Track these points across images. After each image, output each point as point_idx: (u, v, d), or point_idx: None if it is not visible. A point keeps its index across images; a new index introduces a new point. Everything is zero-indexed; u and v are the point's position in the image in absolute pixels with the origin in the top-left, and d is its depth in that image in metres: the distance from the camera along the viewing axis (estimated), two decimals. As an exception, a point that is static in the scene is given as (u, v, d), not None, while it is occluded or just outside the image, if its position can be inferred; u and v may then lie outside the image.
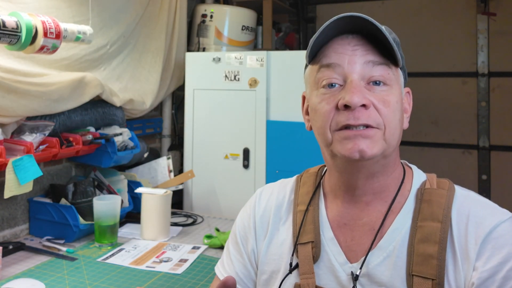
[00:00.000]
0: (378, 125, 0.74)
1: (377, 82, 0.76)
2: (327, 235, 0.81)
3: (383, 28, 0.74)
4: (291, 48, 3.20)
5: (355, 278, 0.75)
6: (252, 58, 2.19)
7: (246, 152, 2.21)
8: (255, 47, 2.81)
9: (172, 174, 2.21)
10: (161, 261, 1.54)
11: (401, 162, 0.85)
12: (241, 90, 2.22)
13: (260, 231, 0.89)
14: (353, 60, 0.76)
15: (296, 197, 0.89)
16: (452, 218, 0.74)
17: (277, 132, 2.15)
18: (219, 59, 2.25)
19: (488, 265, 0.69)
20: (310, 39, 0.78)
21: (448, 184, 0.80)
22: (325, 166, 0.91)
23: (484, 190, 3.09)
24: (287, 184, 0.93)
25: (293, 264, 0.82)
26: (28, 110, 1.57)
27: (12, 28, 1.37)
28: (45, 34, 1.44)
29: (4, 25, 1.34)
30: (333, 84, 0.77)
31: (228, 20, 2.58)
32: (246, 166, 2.21)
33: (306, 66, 0.85)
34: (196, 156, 2.32)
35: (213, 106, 2.29)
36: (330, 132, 0.77)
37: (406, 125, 0.83)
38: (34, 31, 1.42)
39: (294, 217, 0.86)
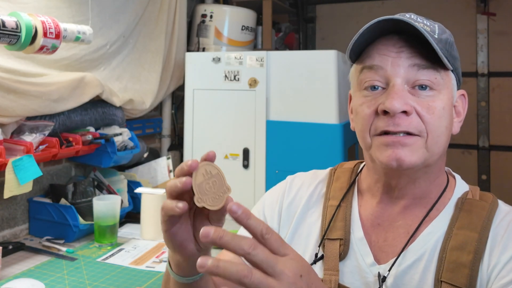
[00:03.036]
0: (420, 133, 0.72)
1: (423, 86, 0.72)
2: (357, 234, 0.80)
3: (424, 31, 0.70)
4: (291, 48, 3.21)
5: (382, 279, 0.73)
6: (252, 58, 2.19)
7: (246, 152, 2.21)
8: (255, 47, 2.81)
9: (172, 174, 2.21)
10: (161, 261, 1.54)
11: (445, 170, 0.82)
12: (241, 90, 2.22)
13: (285, 217, 0.88)
14: (397, 62, 0.73)
15: (328, 191, 0.87)
16: (490, 231, 0.72)
17: (277, 132, 2.15)
18: (219, 59, 2.25)
19: (507, 267, 0.67)
20: (352, 39, 0.74)
21: (492, 198, 0.77)
22: (361, 162, 0.90)
23: (483, 190, 3.06)
24: (319, 176, 0.92)
25: (319, 256, 0.80)
26: (28, 110, 1.57)
27: (12, 28, 1.37)
28: (45, 34, 1.44)
29: (3, 25, 1.34)
30: (376, 87, 0.74)
31: (228, 20, 2.58)
32: (246, 166, 2.21)
33: (351, 64, 0.82)
34: (196, 156, 2.32)
35: (213, 106, 2.29)
36: (370, 137, 0.75)
37: (456, 130, 0.79)
38: (33, 31, 1.42)
39: (324, 211, 0.85)
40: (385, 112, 0.72)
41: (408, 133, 0.72)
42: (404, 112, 0.71)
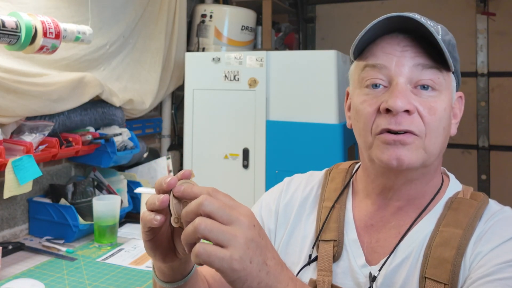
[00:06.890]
0: (420, 133, 0.72)
1: (425, 86, 0.72)
2: (350, 236, 0.80)
3: (433, 31, 0.69)
4: (290, 48, 3.21)
5: (372, 279, 0.74)
6: (251, 58, 2.19)
7: (245, 152, 2.21)
8: (254, 47, 2.81)
9: (171, 174, 2.21)
10: (160, 261, 1.54)
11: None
12: (240, 90, 2.22)
13: (282, 218, 0.89)
14: (401, 62, 0.72)
15: (323, 192, 0.88)
16: (476, 228, 0.72)
17: (277, 132, 2.15)
18: (219, 59, 2.26)
19: (490, 263, 0.67)
20: (358, 35, 0.74)
21: (482, 196, 0.77)
22: (357, 162, 0.90)
23: (483, 190, 3.09)
24: (315, 178, 0.92)
25: (312, 257, 0.81)
26: (28, 110, 1.57)
27: (12, 28, 1.37)
28: (45, 34, 1.44)
29: (3, 25, 1.34)
30: (377, 85, 0.74)
31: (228, 20, 2.58)
32: (245, 166, 2.21)
33: (352, 61, 0.82)
34: (195, 156, 2.32)
35: (212, 106, 2.29)
36: (371, 136, 0.75)
37: (454, 131, 0.80)
38: (33, 31, 1.42)
39: (318, 212, 0.85)
40: (388, 111, 0.72)
41: (409, 132, 0.72)
42: (407, 111, 0.71)
